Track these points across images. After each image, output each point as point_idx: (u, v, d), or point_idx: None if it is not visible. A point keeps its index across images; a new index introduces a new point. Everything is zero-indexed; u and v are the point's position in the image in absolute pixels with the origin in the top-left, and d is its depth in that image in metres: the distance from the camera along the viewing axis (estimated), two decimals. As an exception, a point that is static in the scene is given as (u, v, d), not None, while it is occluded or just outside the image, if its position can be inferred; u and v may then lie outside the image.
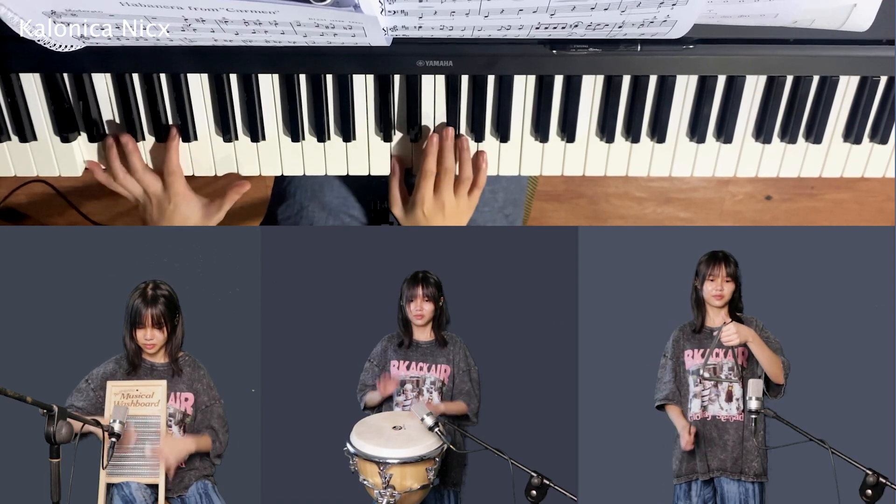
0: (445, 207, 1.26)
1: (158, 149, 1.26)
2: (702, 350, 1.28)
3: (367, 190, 1.49)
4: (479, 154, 1.27)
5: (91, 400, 1.23)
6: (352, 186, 1.48)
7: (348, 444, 1.24)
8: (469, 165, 1.26)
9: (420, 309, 1.34)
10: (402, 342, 1.36)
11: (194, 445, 1.24)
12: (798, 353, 1.29)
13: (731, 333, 1.23)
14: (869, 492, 1.09)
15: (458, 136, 1.25)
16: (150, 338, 1.23)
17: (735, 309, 1.29)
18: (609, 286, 1.40)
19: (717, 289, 1.28)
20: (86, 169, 1.27)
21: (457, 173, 1.26)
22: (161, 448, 1.20)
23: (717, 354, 1.27)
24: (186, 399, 1.26)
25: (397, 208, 1.30)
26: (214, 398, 1.28)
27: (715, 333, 1.26)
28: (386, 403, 1.36)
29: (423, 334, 1.36)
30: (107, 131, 1.24)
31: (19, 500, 1.30)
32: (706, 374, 1.27)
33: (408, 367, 1.35)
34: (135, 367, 1.25)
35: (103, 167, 1.26)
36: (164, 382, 1.23)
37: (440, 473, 1.29)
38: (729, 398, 1.27)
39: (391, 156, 1.27)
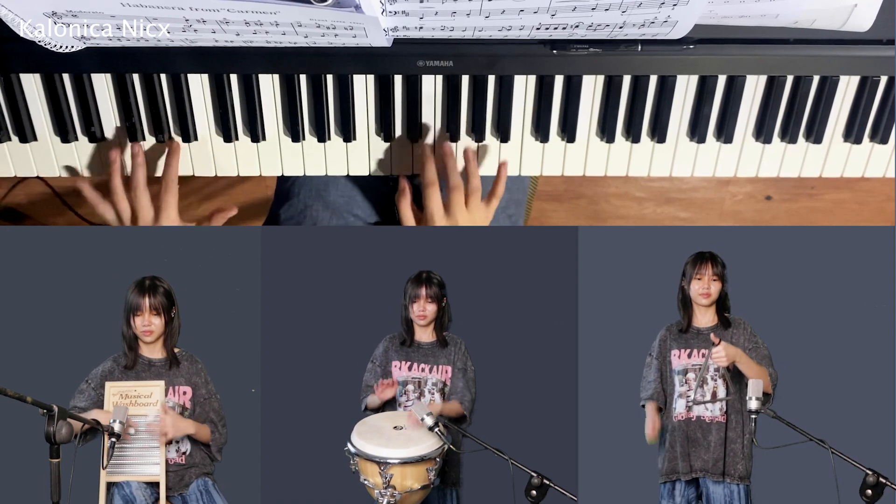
0: (459, 224, 1.26)
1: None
2: (688, 351, 1.29)
3: (372, 190, 1.49)
4: (501, 166, 1.28)
5: (93, 399, 1.23)
6: (356, 186, 1.47)
7: (349, 444, 1.24)
8: (477, 177, 1.26)
9: (423, 310, 1.34)
10: (403, 341, 1.36)
11: (193, 428, 1.24)
12: (798, 353, 1.29)
13: (721, 356, 1.23)
14: (869, 492, 1.09)
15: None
16: (148, 324, 1.24)
17: (723, 309, 1.30)
18: (609, 286, 1.40)
19: (704, 287, 1.28)
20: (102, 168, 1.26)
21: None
22: (163, 417, 1.20)
23: (703, 355, 1.27)
24: (185, 393, 1.26)
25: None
26: (212, 392, 1.29)
27: (706, 359, 1.26)
28: (388, 403, 1.35)
29: (424, 335, 1.36)
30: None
31: (19, 500, 1.30)
32: (692, 377, 1.27)
33: (409, 368, 1.35)
34: (132, 352, 1.25)
35: (92, 185, 1.24)
36: (161, 383, 1.23)
37: (440, 473, 1.29)
38: (714, 399, 1.27)
39: (400, 176, 1.27)
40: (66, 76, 1.20)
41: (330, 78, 1.21)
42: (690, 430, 1.28)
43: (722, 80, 1.23)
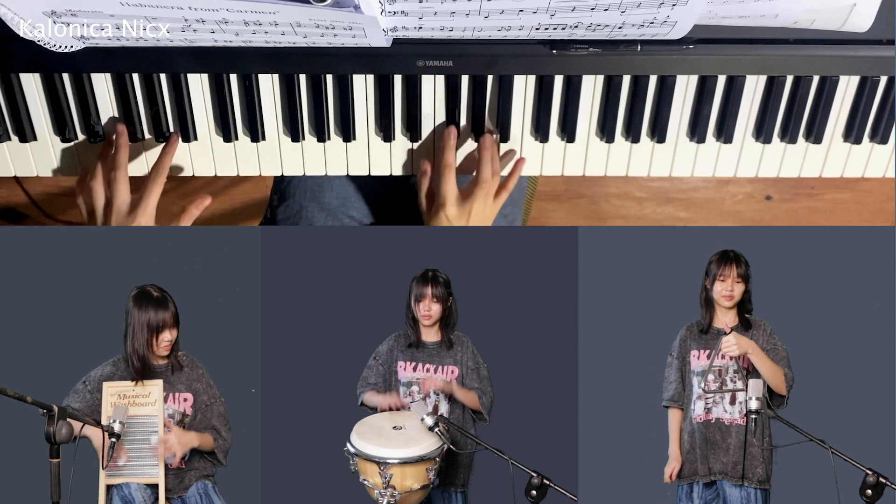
0: (472, 215, 1.24)
1: (155, 150, 1.26)
2: (707, 352, 1.28)
3: (367, 190, 1.49)
4: (518, 162, 1.27)
5: (87, 402, 1.22)
6: (351, 187, 1.48)
7: (348, 444, 1.24)
8: (498, 173, 1.25)
9: (428, 309, 1.33)
10: (410, 343, 1.35)
11: (197, 441, 1.24)
12: (798, 352, 1.29)
13: (731, 345, 1.22)
14: (869, 492, 1.09)
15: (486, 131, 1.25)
16: (171, 338, 1.23)
17: (744, 310, 1.28)
18: (609, 286, 1.40)
19: (727, 289, 1.27)
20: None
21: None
22: (168, 437, 1.20)
23: (723, 357, 1.26)
24: (185, 399, 1.26)
25: (424, 210, 1.30)
26: (214, 396, 1.28)
27: (717, 349, 1.25)
28: (386, 403, 1.35)
29: (430, 335, 1.35)
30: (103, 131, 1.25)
31: (19, 500, 1.30)
32: (711, 378, 1.26)
33: (414, 369, 1.34)
34: (144, 370, 1.24)
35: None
36: (160, 382, 1.22)
37: (447, 475, 1.29)
38: (733, 401, 1.26)
39: (423, 159, 1.27)
40: (66, 76, 1.20)
41: (330, 78, 1.21)
42: (709, 432, 1.27)
43: (722, 80, 1.23)
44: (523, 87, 1.23)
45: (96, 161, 1.22)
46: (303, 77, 1.21)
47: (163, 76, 1.20)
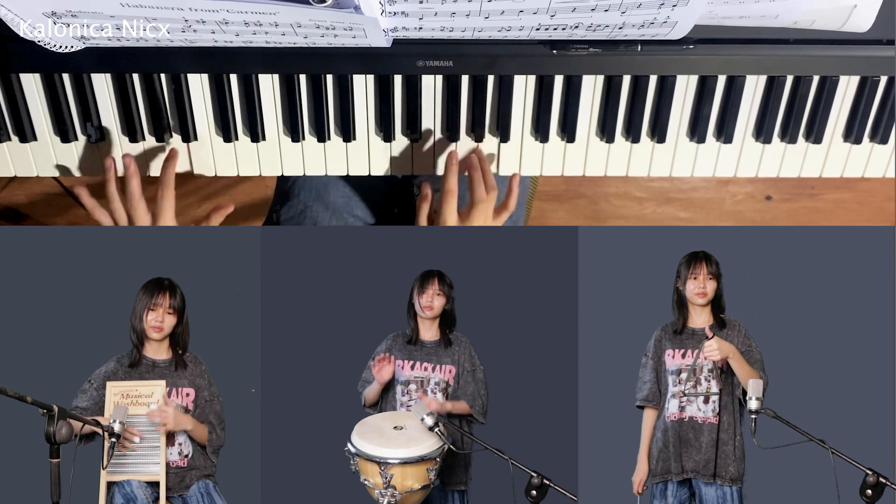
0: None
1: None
2: (682, 351, 1.29)
3: (372, 190, 1.49)
4: (512, 177, 1.28)
5: (95, 399, 1.23)
6: (356, 187, 1.48)
7: (349, 444, 1.24)
8: (495, 188, 1.26)
9: (431, 300, 1.33)
10: (409, 339, 1.36)
11: (191, 424, 1.24)
12: (798, 352, 1.29)
13: (713, 349, 1.23)
14: (869, 492, 1.09)
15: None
16: (161, 320, 1.24)
17: (718, 309, 1.30)
18: (609, 286, 1.40)
19: (699, 287, 1.28)
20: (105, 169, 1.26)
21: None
22: (167, 409, 1.21)
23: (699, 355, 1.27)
24: (188, 394, 1.26)
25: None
26: (214, 394, 1.29)
27: (698, 353, 1.26)
28: (388, 404, 1.35)
29: (429, 332, 1.36)
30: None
31: (19, 500, 1.30)
32: (685, 377, 1.27)
33: (412, 367, 1.34)
34: (138, 348, 1.25)
35: (90, 192, 1.23)
36: (162, 382, 1.23)
37: (445, 474, 1.29)
38: (706, 400, 1.27)
39: (424, 183, 1.28)
40: (66, 76, 1.20)
41: (330, 78, 1.21)
42: (683, 430, 1.28)
43: (722, 80, 1.23)
44: (523, 87, 1.23)
45: (108, 182, 1.22)
46: (303, 77, 1.21)
47: (163, 76, 1.20)
